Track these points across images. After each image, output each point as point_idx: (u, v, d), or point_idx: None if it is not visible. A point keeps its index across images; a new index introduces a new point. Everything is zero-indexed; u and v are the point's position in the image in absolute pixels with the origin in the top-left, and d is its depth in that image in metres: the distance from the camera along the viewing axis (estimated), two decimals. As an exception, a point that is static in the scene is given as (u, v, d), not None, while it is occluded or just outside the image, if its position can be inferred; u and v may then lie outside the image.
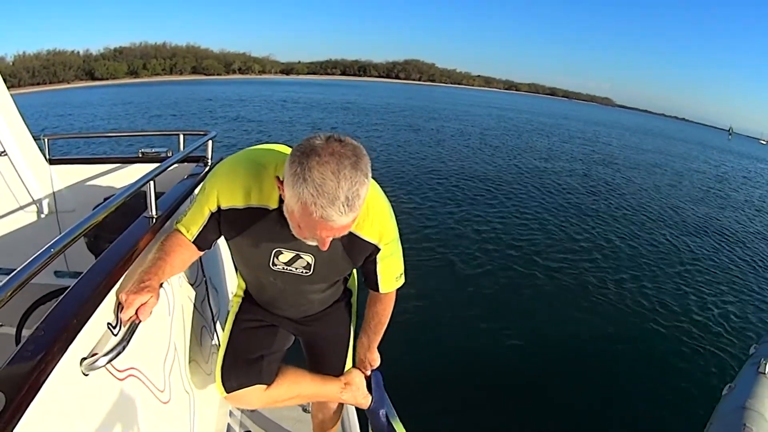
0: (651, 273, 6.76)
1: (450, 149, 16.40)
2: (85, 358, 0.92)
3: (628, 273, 6.63)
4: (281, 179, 1.03)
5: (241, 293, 1.62)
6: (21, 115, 2.16)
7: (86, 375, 0.92)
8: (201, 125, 18.06)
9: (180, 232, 1.28)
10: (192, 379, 1.57)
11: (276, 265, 1.31)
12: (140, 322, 1.06)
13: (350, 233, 1.19)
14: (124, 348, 0.98)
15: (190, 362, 1.57)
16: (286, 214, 1.08)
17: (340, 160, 0.94)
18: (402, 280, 1.47)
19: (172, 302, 1.43)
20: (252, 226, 1.23)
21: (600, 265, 6.81)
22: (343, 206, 0.94)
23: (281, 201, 1.12)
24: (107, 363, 0.94)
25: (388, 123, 23.16)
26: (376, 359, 1.68)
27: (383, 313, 1.55)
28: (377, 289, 1.45)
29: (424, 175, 11.33)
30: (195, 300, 1.72)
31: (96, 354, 0.94)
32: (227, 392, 1.46)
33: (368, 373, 1.71)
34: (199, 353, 1.70)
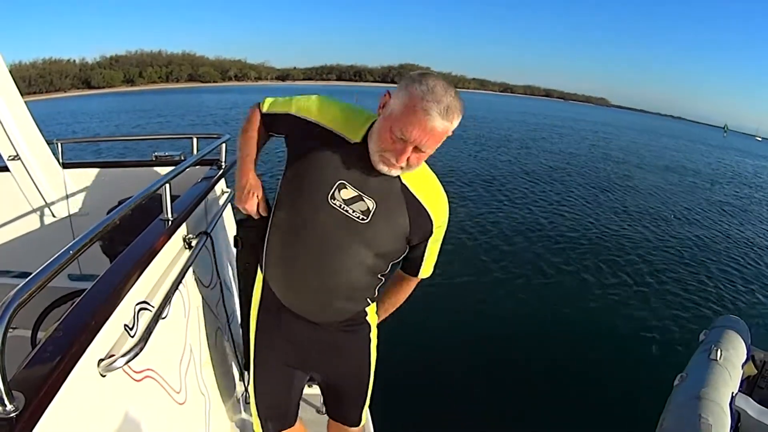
0: (597, 263, 6.66)
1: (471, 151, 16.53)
2: (102, 360, 0.92)
3: (570, 263, 6.53)
4: (390, 93, 1.17)
5: (256, 311, 1.45)
6: (34, 119, 2.17)
7: (104, 376, 0.92)
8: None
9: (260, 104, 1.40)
10: (207, 381, 1.57)
11: (335, 200, 1.22)
12: (158, 322, 1.06)
13: (420, 205, 1.27)
14: (141, 350, 0.98)
15: (205, 364, 1.57)
16: (377, 127, 1.17)
17: (448, 85, 1.10)
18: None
19: (188, 304, 1.43)
20: (325, 150, 1.24)
21: (546, 255, 6.76)
22: (444, 110, 1.07)
23: (364, 139, 1.21)
24: (124, 364, 0.94)
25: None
26: None
27: (401, 297, 1.53)
28: (416, 273, 1.42)
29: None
30: (210, 302, 1.72)
31: (113, 355, 0.94)
32: None
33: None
34: (214, 355, 1.70)
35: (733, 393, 2.61)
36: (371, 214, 1.22)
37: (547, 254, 6.82)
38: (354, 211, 1.22)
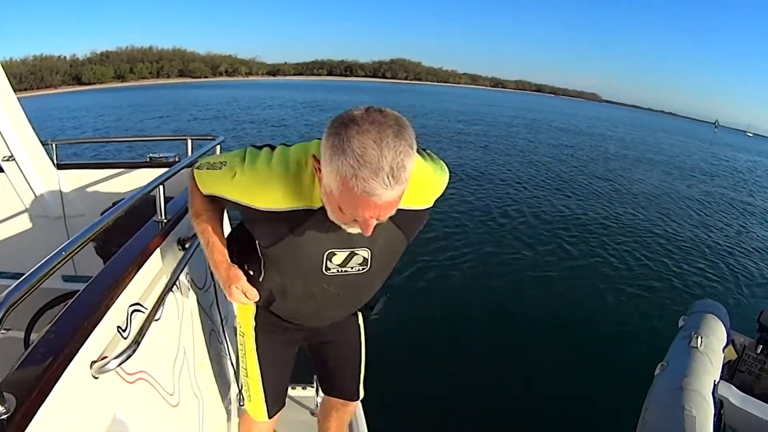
0: (573, 253, 6.59)
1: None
2: (95, 361, 0.92)
3: (546, 254, 6.47)
4: (318, 158, 0.93)
5: (251, 319, 1.43)
6: (29, 120, 2.17)
7: (96, 378, 0.92)
8: (247, 132, 17.51)
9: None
10: (201, 383, 1.56)
11: (330, 270, 1.16)
12: (152, 324, 1.07)
13: (407, 211, 1.08)
14: (134, 351, 0.98)
15: (199, 366, 1.57)
16: (324, 199, 0.97)
17: (381, 128, 0.84)
18: None
19: (182, 306, 1.42)
20: (297, 230, 1.07)
21: (520, 243, 6.74)
22: (388, 178, 0.83)
23: None
24: (117, 366, 0.94)
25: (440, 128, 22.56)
26: None
27: None
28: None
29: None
30: (203, 304, 1.71)
31: (106, 357, 0.94)
32: (271, 417, 1.53)
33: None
34: (207, 357, 1.69)
35: (715, 381, 2.57)
36: (369, 261, 1.17)
37: (523, 245, 6.75)
38: (352, 268, 1.17)
